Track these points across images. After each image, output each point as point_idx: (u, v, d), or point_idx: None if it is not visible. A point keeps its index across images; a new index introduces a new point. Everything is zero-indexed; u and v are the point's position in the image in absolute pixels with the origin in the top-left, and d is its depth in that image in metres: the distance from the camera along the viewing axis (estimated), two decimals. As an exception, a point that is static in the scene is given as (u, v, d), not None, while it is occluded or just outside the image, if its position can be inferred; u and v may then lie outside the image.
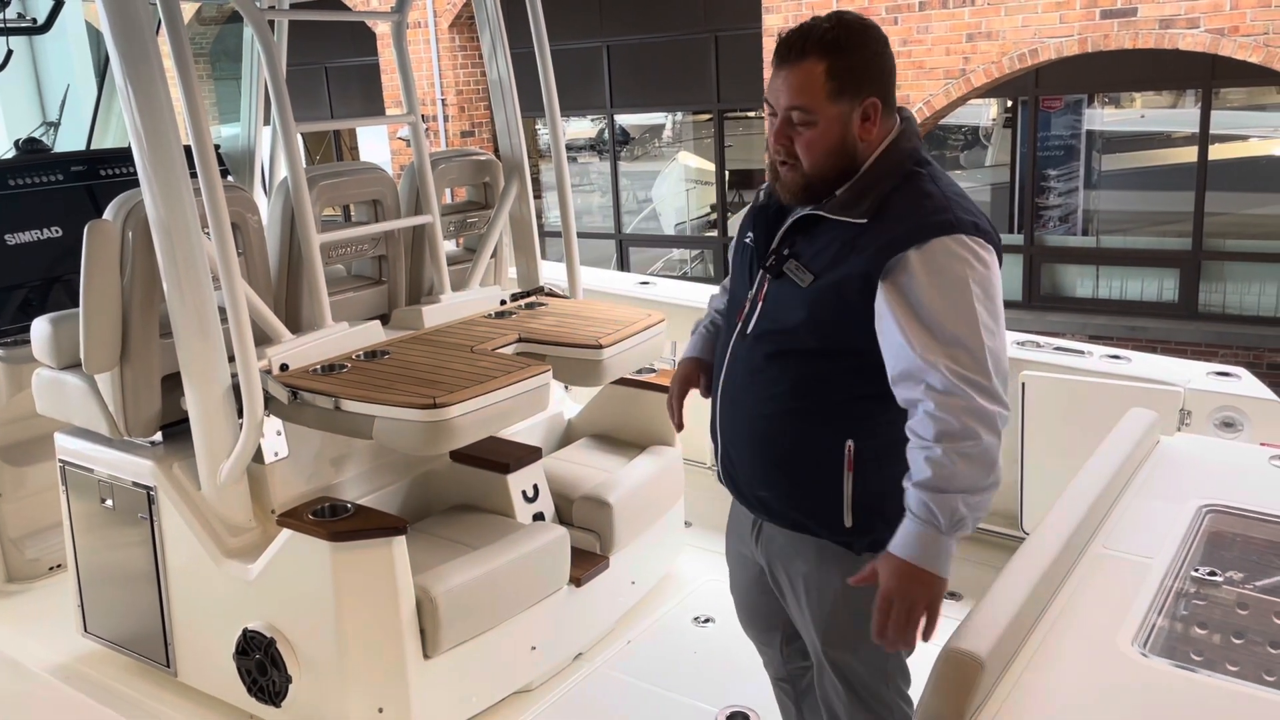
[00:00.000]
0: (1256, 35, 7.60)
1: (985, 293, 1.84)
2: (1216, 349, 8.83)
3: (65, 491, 3.20)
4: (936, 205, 1.90)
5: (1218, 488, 2.24)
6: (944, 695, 1.54)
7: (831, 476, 1.99)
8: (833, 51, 1.89)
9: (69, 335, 2.96)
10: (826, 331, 1.96)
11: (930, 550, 1.79)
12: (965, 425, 1.77)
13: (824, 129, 1.92)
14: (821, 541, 2.07)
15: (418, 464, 3.34)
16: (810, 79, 1.89)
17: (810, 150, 1.94)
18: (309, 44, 13.44)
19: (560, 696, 3.08)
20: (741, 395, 2.10)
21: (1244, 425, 3.31)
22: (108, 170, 4.26)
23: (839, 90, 1.90)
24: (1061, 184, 10.18)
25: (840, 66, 1.89)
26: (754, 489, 2.14)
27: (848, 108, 1.92)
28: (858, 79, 1.91)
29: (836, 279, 1.92)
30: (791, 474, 2.05)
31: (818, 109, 1.91)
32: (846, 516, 2.01)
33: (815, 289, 1.95)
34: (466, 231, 3.92)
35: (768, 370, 2.04)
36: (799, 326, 1.98)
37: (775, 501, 2.11)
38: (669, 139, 13.90)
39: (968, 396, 1.78)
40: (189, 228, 2.68)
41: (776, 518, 2.13)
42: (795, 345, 2.00)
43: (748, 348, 2.08)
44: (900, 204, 1.91)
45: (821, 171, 1.95)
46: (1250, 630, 1.83)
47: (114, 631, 3.20)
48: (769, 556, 2.21)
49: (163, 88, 2.64)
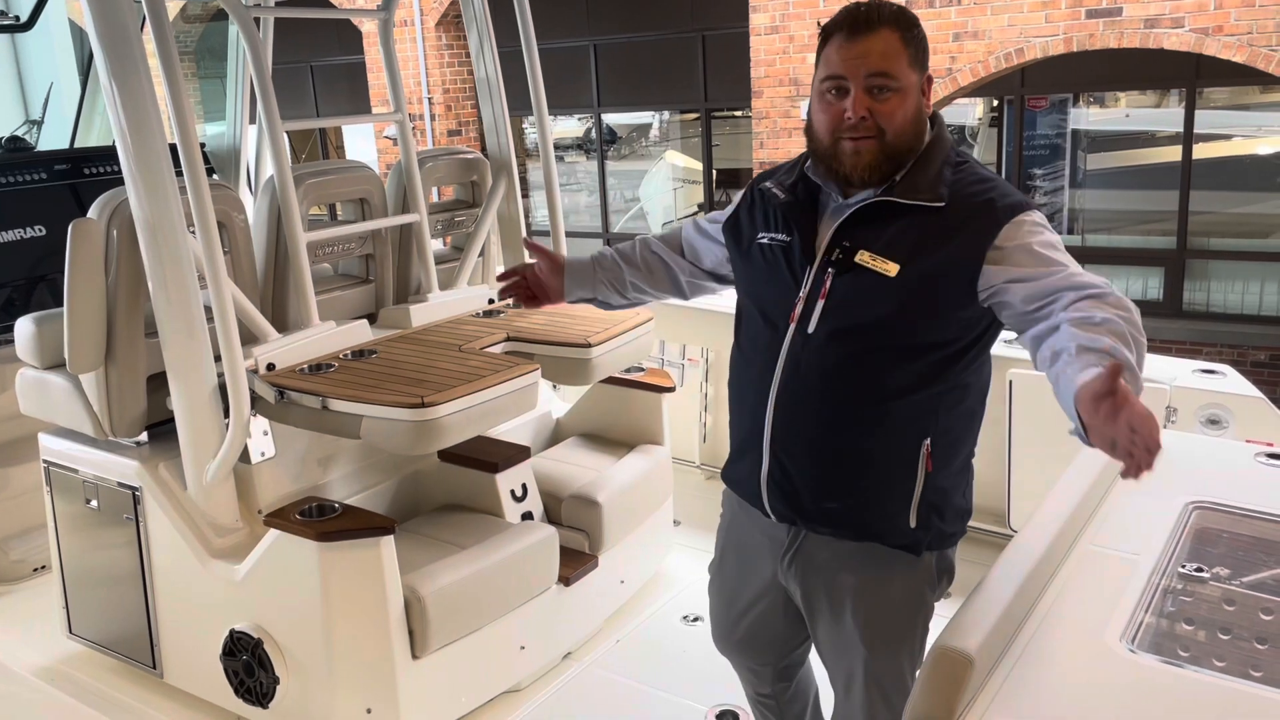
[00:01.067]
0: (1240, 35, 7.65)
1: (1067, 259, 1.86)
2: (1201, 347, 8.88)
3: (50, 492, 3.17)
4: (1004, 188, 1.93)
5: (1204, 485, 2.25)
6: (934, 693, 1.54)
7: (906, 478, 1.95)
8: (903, 24, 1.90)
9: (53, 335, 2.94)
10: (919, 323, 1.90)
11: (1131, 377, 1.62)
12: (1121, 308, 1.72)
13: (906, 96, 1.90)
14: (881, 548, 2.01)
15: (406, 463, 3.33)
16: (892, 46, 1.88)
17: (893, 118, 1.89)
18: (294, 42, 13.39)
19: (549, 696, 3.07)
20: (810, 400, 1.97)
21: (1229, 422, 3.33)
22: (92, 169, 4.24)
23: (914, 59, 1.91)
24: (1047, 183, 10.22)
25: (911, 38, 1.91)
26: (820, 501, 2.01)
27: (918, 78, 1.93)
28: (923, 52, 1.94)
29: (931, 267, 1.87)
30: (867, 479, 1.97)
31: (901, 75, 1.89)
32: (911, 518, 1.97)
33: (905, 278, 1.88)
34: (454, 230, 3.91)
35: (847, 370, 1.94)
36: (887, 320, 1.90)
37: (845, 511, 2.00)
38: (656, 138, 13.90)
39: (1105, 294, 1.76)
40: (174, 226, 2.66)
41: (842, 529, 2.03)
42: (880, 342, 1.92)
43: (816, 350, 1.95)
44: (969, 188, 1.91)
45: (906, 140, 1.91)
46: (1237, 626, 1.84)
47: (100, 633, 3.18)
48: (806, 575, 2.10)
49: (147, 85, 2.62)
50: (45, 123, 5.42)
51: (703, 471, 4.57)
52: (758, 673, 2.43)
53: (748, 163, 10.77)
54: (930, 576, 2.08)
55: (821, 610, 2.12)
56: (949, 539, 2.08)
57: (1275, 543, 2.06)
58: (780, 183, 2.10)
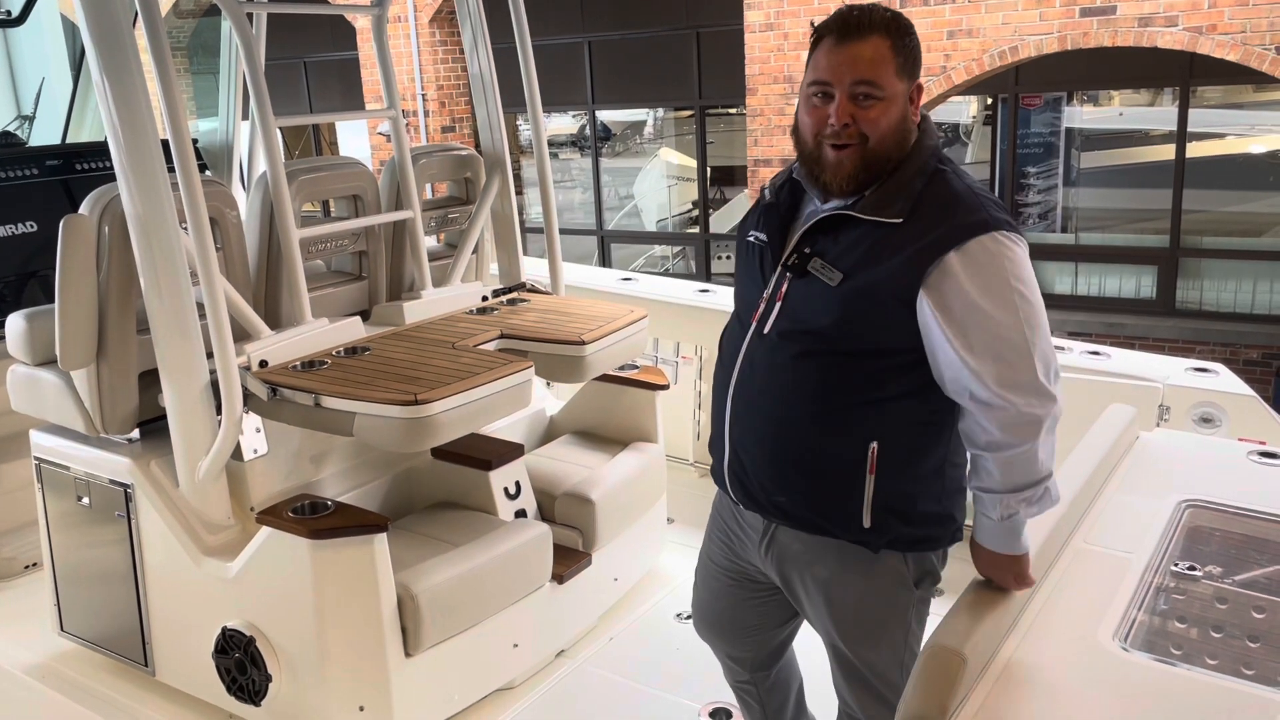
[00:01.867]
0: (1234, 33, 7.66)
1: (1027, 290, 1.85)
2: (1194, 345, 8.91)
3: (41, 489, 3.16)
4: (970, 205, 1.89)
5: (1197, 483, 2.25)
6: (927, 690, 1.55)
7: (853, 478, 1.97)
8: (895, 31, 1.90)
9: (44, 331, 2.93)
10: (859, 332, 1.93)
11: (1001, 538, 1.90)
12: (1007, 436, 1.83)
13: (891, 105, 1.90)
14: (840, 543, 2.04)
15: (399, 461, 3.32)
16: (880, 53, 1.88)
17: (876, 126, 1.90)
18: (288, 38, 13.35)
19: (542, 694, 3.07)
20: (760, 397, 2.04)
21: (1222, 421, 3.34)
22: (83, 165, 4.22)
23: (903, 68, 1.90)
24: (1041, 181, 10.24)
25: (902, 46, 1.90)
26: (770, 494, 2.07)
27: (906, 87, 1.92)
28: (914, 61, 1.93)
29: (871, 280, 1.89)
30: (812, 476, 2.01)
31: (887, 83, 1.88)
32: (865, 517, 1.99)
33: (848, 289, 1.91)
34: (447, 227, 3.90)
35: (793, 371, 1.99)
36: (830, 327, 1.94)
37: (793, 506, 2.06)
38: (650, 135, 13.90)
39: (1012, 406, 1.82)
40: (166, 223, 2.65)
41: (794, 522, 2.08)
42: (823, 346, 1.95)
43: (769, 348, 2.02)
44: (933, 203, 1.90)
45: (886, 150, 1.92)
46: (1229, 624, 1.84)
47: (91, 630, 3.17)
48: (783, 564, 2.16)
49: (140, 81, 2.61)
50: (37, 118, 5.39)
51: (696, 469, 4.57)
52: (736, 659, 2.46)
53: (742, 160, 10.77)
54: (901, 577, 2.07)
55: (800, 599, 2.18)
56: (921, 543, 2.06)
57: (1267, 541, 2.07)
58: (774, 183, 2.13)
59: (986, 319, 1.82)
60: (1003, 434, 1.84)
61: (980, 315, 1.82)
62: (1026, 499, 1.87)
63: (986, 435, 1.86)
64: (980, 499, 1.91)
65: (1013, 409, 1.82)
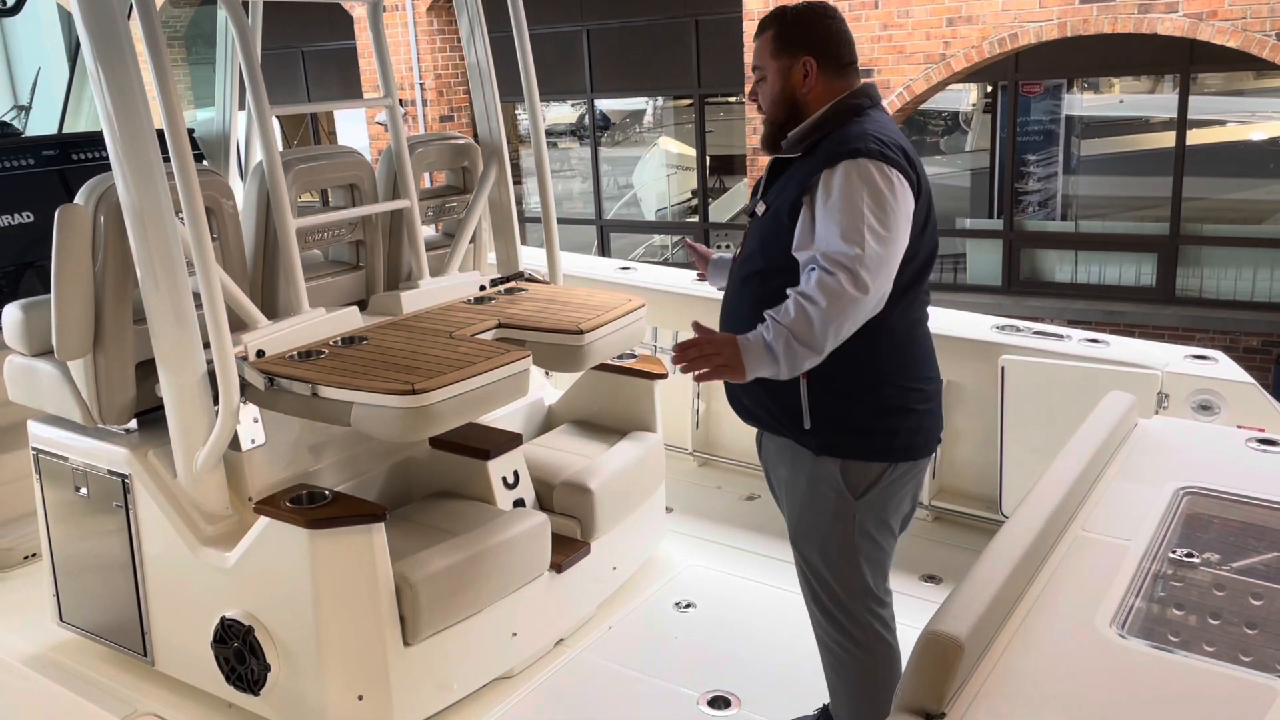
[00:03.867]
0: (1234, 20, 7.64)
1: (877, 203, 2.20)
2: (1193, 333, 8.90)
3: (39, 480, 3.16)
4: (853, 137, 2.28)
5: (1195, 470, 2.25)
6: (924, 677, 1.54)
7: (789, 387, 2.34)
8: (778, 21, 2.43)
9: (41, 322, 2.92)
10: (768, 250, 2.38)
11: (753, 350, 2.22)
12: (818, 292, 2.16)
13: (771, 81, 2.43)
14: (793, 445, 2.43)
15: (397, 451, 3.32)
16: (763, 42, 2.45)
17: (765, 99, 2.46)
18: (285, 28, 13.31)
19: (541, 683, 3.07)
20: (729, 322, 2.49)
21: (1221, 408, 3.34)
22: (80, 154, 4.21)
23: (779, 49, 2.41)
24: (1041, 169, 10.21)
25: (781, 32, 2.42)
26: (740, 399, 2.52)
27: (787, 63, 2.40)
28: (795, 41, 2.40)
29: (778, 205, 2.37)
30: (761, 383, 2.33)
31: (765, 64, 2.44)
32: (805, 419, 2.37)
33: (766, 217, 2.41)
34: (445, 216, 3.89)
35: (741, 295, 2.47)
36: (757, 250, 2.42)
37: (754, 408, 2.49)
38: (650, 124, 13.86)
39: (833, 276, 2.16)
40: (162, 212, 2.64)
41: (760, 423, 2.52)
42: (753, 268, 2.43)
43: (734, 280, 2.53)
44: (829, 141, 2.32)
45: (775, 117, 2.45)
46: (1227, 611, 1.84)
47: (90, 621, 3.17)
48: (766, 468, 2.63)
49: (134, 71, 2.60)
50: (33, 108, 5.38)
51: (695, 458, 4.57)
52: None
53: (741, 149, 10.75)
54: (835, 482, 2.39)
55: (777, 501, 2.63)
56: (855, 452, 2.38)
57: (1266, 528, 2.07)
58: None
59: (834, 214, 2.21)
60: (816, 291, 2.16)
61: (830, 211, 2.22)
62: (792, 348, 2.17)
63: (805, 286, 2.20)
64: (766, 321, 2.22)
65: (834, 279, 2.15)
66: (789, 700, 2.88)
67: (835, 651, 2.50)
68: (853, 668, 2.48)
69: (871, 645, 2.45)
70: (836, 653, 2.50)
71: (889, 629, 2.48)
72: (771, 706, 2.89)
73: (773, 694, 2.95)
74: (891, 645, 2.47)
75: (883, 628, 2.46)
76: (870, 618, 2.44)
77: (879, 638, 2.45)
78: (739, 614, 3.39)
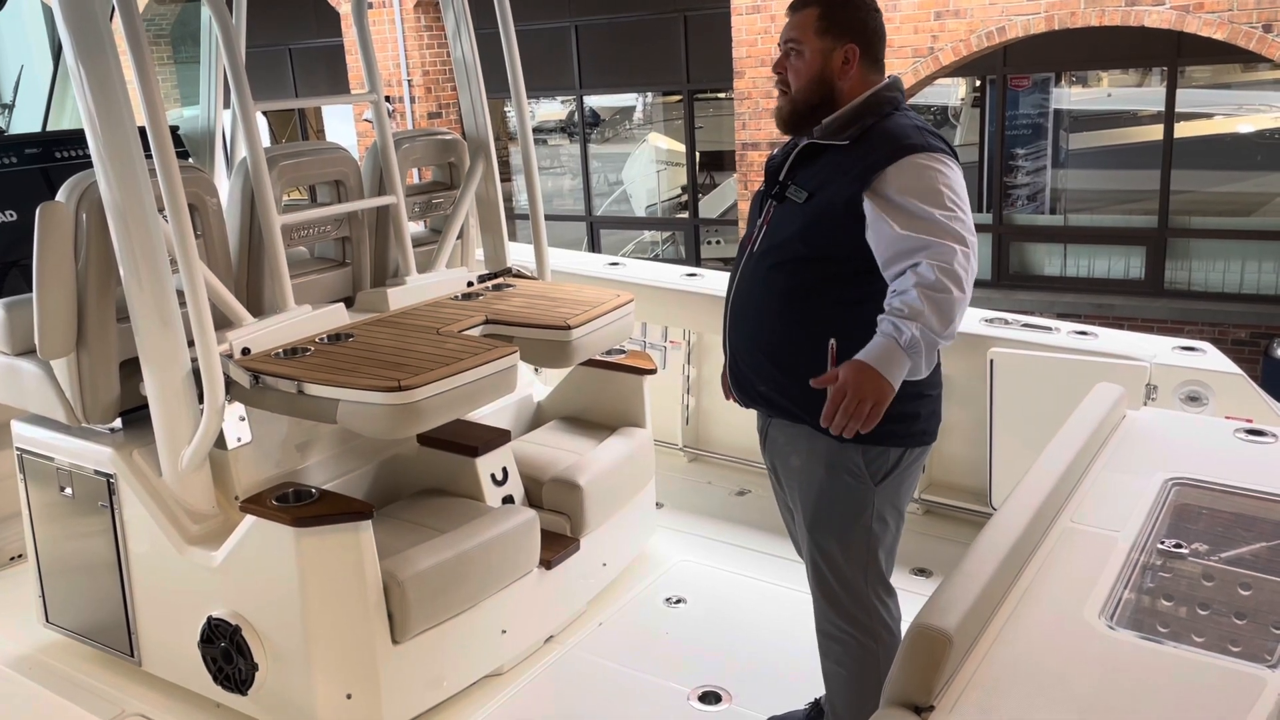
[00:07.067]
0: (1221, 12, 7.65)
1: (951, 188, 2.20)
2: (1182, 325, 8.92)
3: (23, 480, 3.14)
4: (909, 133, 2.27)
5: (1184, 461, 2.25)
6: (913, 670, 1.54)
7: (815, 369, 2.20)
8: (825, 2, 2.35)
9: (23, 320, 2.90)
10: (812, 238, 2.30)
11: (887, 359, 2.07)
12: (939, 279, 2.09)
13: (809, 59, 2.35)
14: (810, 433, 2.33)
15: (384, 448, 3.31)
16: (805, 18, 2.37)
17: (797, 76, 2.38)
18: (272, 25, 13.25)
19: (531, 679, 3.06)
20: (745, 305, 2.44)
21: (1209, 399, 3.34)
22: (63, 152, 4.18)
23: (824, 30, 2.34)
24: (1029, 163, 10.23)
25: (829, 13, 2.35)
26: (755, 385, 2.45)
27: (830, 45, 2.34)
28: (841, 26, 2.34)
29: (828, 195, 2.29)
30: (784, 367, 2.35)
31: (806, 41, 2.35)
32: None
33: (810, 204, 2.32)
34: (432, 212, 3.87)
35: (769, 280, 2.38)
36: (795, 236, 2.32)
37: (773, 395, 2.42)
38: (639, 121, 13.84)
39: (945, 257, 2.11)
40: (144, 209, 2.62)
41: (776, 410, 2.45)
42: (789, 255, 2.34)
43: (754, 264, 2.42)
44: (881, 134, 2.28)
45: (808, 98, 2.37)
46: (1215, 602, 1.84)
47: (76, 621, 3.15)
48: (774, 457, 2.55)
49: (116, 68, 2.58)
50: (16, 106, 5.34)
51: (685, 454, 4.56)
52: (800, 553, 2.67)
53: (730, 145, 10.74)
54: (856, 469, 2.35)
55: (784, 486, 2.55)
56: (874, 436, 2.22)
57: (1254, 518, 2.07)
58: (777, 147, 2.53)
59: (917, 201, 2.17)
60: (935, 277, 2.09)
61: (910, 201, 2.18)
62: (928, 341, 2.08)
63: (921, 277, 2.10)
64: (889, 323, 2.09)
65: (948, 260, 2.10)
66: (780, 695, 2.88)
67: (840, 639, 2.47)
68: (858, 656, 2.46)
69: (878, 632, 2.43)
70: (842, 640, 2.47)
71: (894, 619, 2.47)
72: (762, 701, 2.89)
73: (763, 688, 2.95)
74: (896, 636, 2.46)
75: (888, 616, 2.46)
76: (879, 605, 2.44)
77: (885, 625, 2.44)
78: (730, 609, 3.39)
